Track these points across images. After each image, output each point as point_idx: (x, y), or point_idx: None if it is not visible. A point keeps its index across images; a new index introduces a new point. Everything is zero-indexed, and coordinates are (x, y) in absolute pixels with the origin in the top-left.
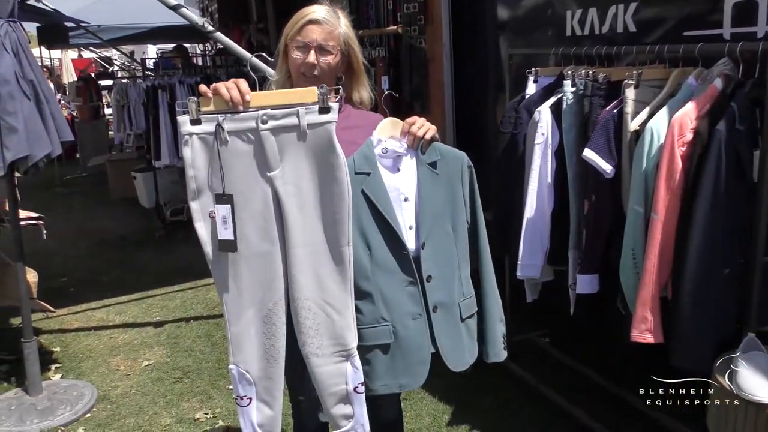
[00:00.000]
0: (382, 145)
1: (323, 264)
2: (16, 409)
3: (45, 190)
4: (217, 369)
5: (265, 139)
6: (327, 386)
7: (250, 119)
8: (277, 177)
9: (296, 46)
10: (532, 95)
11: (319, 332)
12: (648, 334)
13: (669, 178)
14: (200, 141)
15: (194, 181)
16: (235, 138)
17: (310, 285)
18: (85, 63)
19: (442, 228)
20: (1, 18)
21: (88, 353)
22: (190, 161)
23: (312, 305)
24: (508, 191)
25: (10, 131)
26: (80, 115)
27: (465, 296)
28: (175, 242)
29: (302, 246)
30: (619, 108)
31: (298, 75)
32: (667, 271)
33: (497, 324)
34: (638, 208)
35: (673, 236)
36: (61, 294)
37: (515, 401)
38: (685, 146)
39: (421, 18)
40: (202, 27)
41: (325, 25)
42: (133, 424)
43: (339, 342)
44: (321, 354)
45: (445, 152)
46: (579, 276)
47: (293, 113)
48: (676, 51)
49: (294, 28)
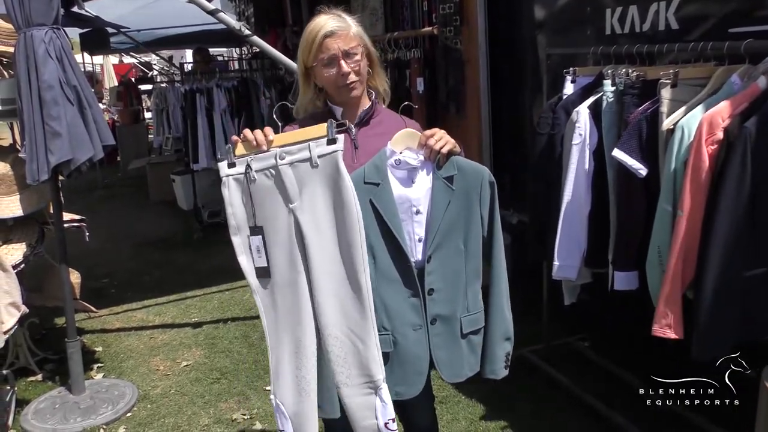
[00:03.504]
0: (396, 157)
1: (344, 291)
2: (60, 407)
3: (87, 193)
4: (254, 370)
5: (284, 173)
6: (358, 419)
7: (270, 157)
8: (297, 208)
9: (323, 65)
10: (570, 95)
11: (347, 361)
12: (668, 329)
13: (695, 176)
14: (235, 181)
15: (233, 218)
16: (261, 175)
17: (334, 313)
18: (125, 68)
19: (453, 243)
20: (45, 25)
21: (128, 353)
22: (228, 200)
23: (339, 333)
24: (544, 193)
25: (54, 136)
26: (121, 119)
27: (469, 312)
28: (213, 244)
29: (324, 273)
30: (653, 108)
31: (337, 89)
32: (691, 269)
33: (500, 341)
34: (667, 206)
35: (697, 235)
36: (102, 295)
37: (553, 406)
38: (714, 145)
39: (456, 19)
40: (239, 31)
41: (340, 32)
42: (172, 424)
43: (366, 373)
44: (351, 384)
45: (464, 167)
46: (616, 273)
47: (305, 147)
48: (721, 48)
49: (312, 50)
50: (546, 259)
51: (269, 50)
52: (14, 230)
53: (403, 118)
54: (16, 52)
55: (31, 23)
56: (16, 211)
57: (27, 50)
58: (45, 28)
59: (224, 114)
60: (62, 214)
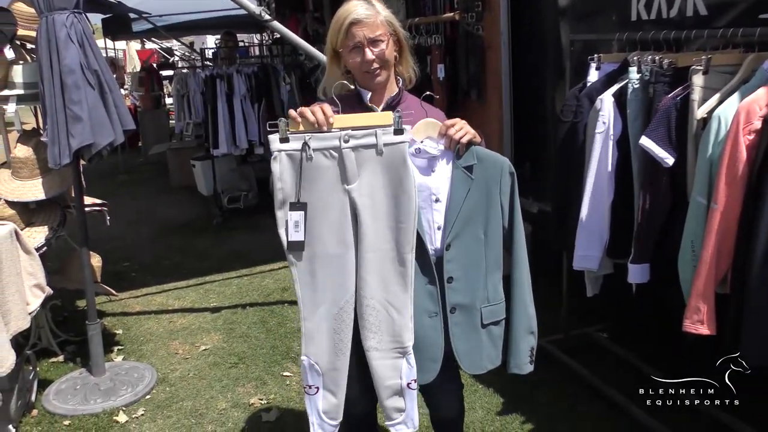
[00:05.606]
0: (416, 146)
1: (389, 268)
2: (81, 388)
3: (108, 178)
4: (272, 356)
5: (346, 155)
6: (384, 379)
7: (334, 138)
8: (354, 189)
9: (349, 51)
10: (594, 83)
11: (381, 329)
12: (700, 325)
13: (731, 167)
14: (287, 157)
15: (281, 192)
16: (319, 154)
17: (376, 286)
18: (146, 54)
19: (472, 232)
20: (67, 9)
21: (148, 336)
22: (278, 174)
23: (376, 304)
24: (566, 182)
25: (75, 120)
26: (142, 104)
27: (490, 302)
28: (232, 229)
29: (372, 251)
30: (684, 95)
31: (362, 75)
32: (725, 264)
33: (524, 335)
34: (701, 199)
35: (733, 229)
36: (123, 278)
37: (571, 397)
38: (752, 135)
39: (478, 4)
40: (260, 16)
41: (366, 20)
42: (190, 407)
43: (397, 339)
44: (381, 348)
45: (484, 157)
46: (630, 265)
47: (371, 134)
48: (751, 35)
49: (339, 35)
50: (567, 248)
51: (290, 36)
52: (37, 213)
53: (426, 106)
54: (38, 36)
55: (52, 7)
56: (38, 194)
57: (49, 34)
58: (66, 12)
59: (244, 100)
60: (84, 197)
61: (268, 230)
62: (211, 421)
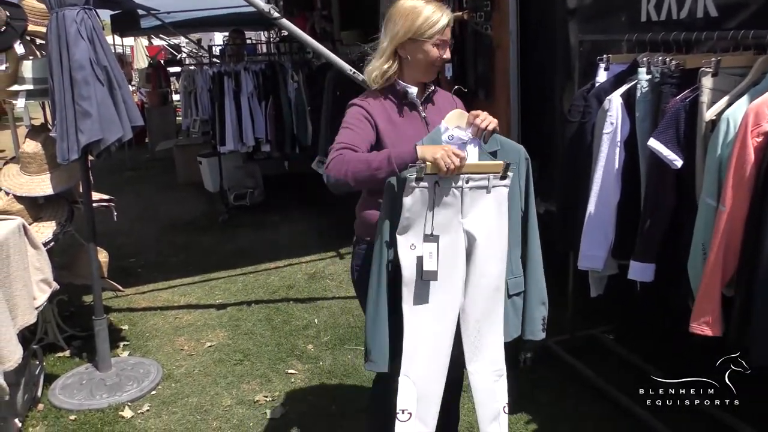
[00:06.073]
0: (449, 132)
1: (490, 292)
2: (86, 383)
3: (116, 174)
4: (276, 353)
5: (465, 194)
6: (484, 404)
7: (459, 180)
8: (467, 222)
9: (435, 44)
10: (603, 83)
11: (480, 351)
12: (706, 326)
13: (739, 169)
14: (420, 192)
15: (407, 221)
16: (444, 193)
17: (479, 309)
18: (154, 50)
19: None
20: (77, 5)
21: (154, 332)
22: (408, 206)
23: (478, 326)
24: (573, 182)
25: (84, 115)
26: (149, 101)
27: (514, 275)
28: (238, 227)
29: (479, 276)
30: (692, 97)
31: (428, 66)
32: (731, 266)
33: (538, 305)
34: (711, 201)
35: (740, 231)
36: (129, 274)
37: (574, 397)
38: (760, 137)
39: (487, 3)
40: (268, 14)
41: (450, 24)
42: (195, 404)
43: (494, 362)
44: (481, 372)
45: (505, 143)
46: (632, 262)
47: (485, 178)
48: (762, 37)
49: (435, 27)
50: (572, 249)
51: (298, 33)
52: (44, 208)
53: (454, 97)
54: (48, 31)
55: (63, 3)
56: (46, 189)
57: (59, 30)
58: (77, 8)
59: (251, 97)
60: (91, 193)
61: (273, 228)
62: (216, 418)
